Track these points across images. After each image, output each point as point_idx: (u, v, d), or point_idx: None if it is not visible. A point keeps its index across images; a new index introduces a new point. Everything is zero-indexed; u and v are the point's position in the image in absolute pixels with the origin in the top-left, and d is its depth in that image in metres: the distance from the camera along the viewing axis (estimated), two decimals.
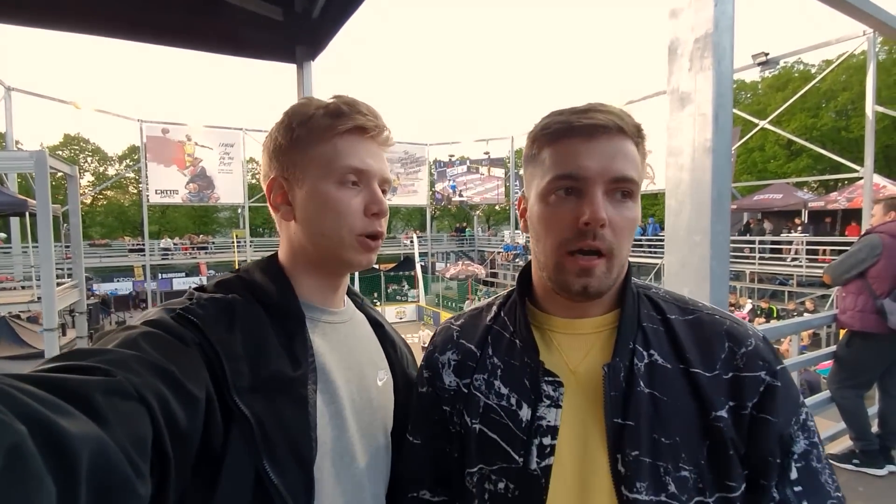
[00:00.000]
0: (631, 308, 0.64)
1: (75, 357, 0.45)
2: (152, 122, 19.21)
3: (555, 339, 0.67)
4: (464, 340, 0.74)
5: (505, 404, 0.66)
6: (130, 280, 23.10)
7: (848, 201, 12.68)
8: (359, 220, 0.69)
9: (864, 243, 2.72)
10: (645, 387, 0.59)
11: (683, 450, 0.57)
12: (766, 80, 25.05)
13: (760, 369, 0.59)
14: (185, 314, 0.58)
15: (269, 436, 0.56)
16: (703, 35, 1.40)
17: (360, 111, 0.69)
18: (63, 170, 7.83)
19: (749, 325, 0.64)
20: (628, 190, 0.60)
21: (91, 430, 0.36)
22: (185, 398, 0.49)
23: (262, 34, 1.90)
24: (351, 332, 0.78)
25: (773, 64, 13.66)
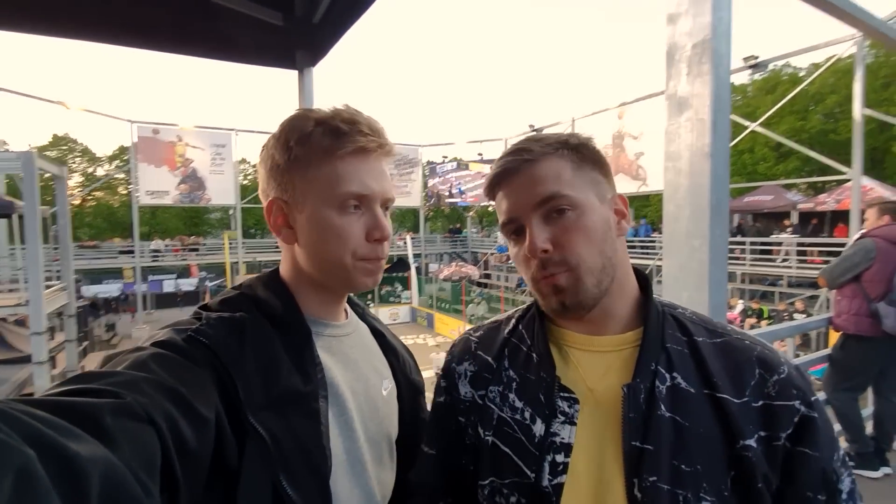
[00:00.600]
0: (654, 327, 0.63)
1: (84, 380, 0.45)
2: (143, 123, 19.02)
3: (573, 356, 0.66)
4: (481, 352, 0.75)
5: (519, 418, 0.65)
6: (120, 282, 22.86)
7: (836, 203, 12.86)
8: (361, 246, 0.68)
9: (859, 247, 2.75)
10: (666, 410, 0.57)
11: (705, 479, 0.55)
12: (756, 82, 25.37)
13: (794, 398, 0.57)
14: (196, 336, 0.58)
15: (284, 451, 0.57)
16: (701, 41, 1.40)
17: (362, 130, 0.67)
18: (51, 170, 7.74)
19: (781, 353, 0.63)
20: (560, 206, 0.62)
21: (100, 452, 0.37)
22: (194, 419, 0.49)
23: (260, 39, 1.87)
24: (355, 343, 0.78)
25: (762, 67, 13.83)
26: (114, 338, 17.91)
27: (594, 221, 0.62)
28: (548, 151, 0.63)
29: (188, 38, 1.81)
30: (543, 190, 0.62)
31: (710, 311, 1.40)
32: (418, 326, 19.80)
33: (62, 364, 9.30)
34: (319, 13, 1.83)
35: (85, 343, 12.85)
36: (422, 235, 26.40)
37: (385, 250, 0.71)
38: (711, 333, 0.63)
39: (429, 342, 16.93)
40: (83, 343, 11.36)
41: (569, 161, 0.64)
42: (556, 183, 0.62)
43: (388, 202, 0.72)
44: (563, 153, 0.64)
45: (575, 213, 0.62)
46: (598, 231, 0.62)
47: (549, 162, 0.63)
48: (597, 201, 0.64)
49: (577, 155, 0.64)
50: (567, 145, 0.64)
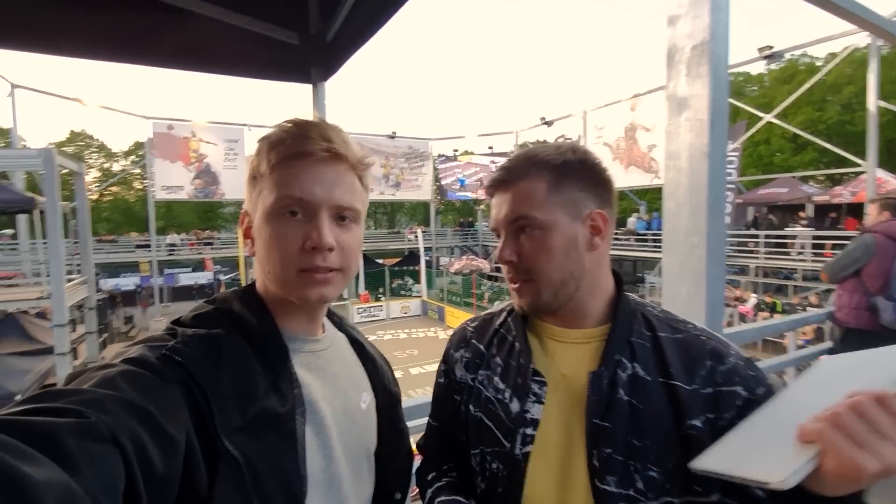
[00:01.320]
0: (622, 324, 0.72)
1: (47, 399, 0.43)
2: (158, 119, 19.30)
3: (550, 346, 0.77)
4: (475, 341, 0.86)
5: (500, 397, 0.76)
6: (137, 275, 23.27)
7: (852, 195, 12.61)
8: (296, 256, 0.63)
9: (859, 243, 2.78)
10: (625, 395, 0.67)
11: (653, 453, 0.64)
12: (773, 72, 24.82)
13: (738, 385, 0.64)
14: (171, 354, 0.55)
15: (258, 475, 0.55)
16: (700, 43, 1.42)
17: (307, 135, 0.64)
18: (70, 167, 7.91)
19: (734, 348, 0.70)
20: (525, 225, 0.72)
21: (57, 477, 0.35)
22: (162, 440, 0.47)
23: (277, 57, 1.97)
24: (333, 357, 0.76)
25: (778, 57, 13.58)
26: (132, 329, 18.29)
27: (557, 241, 0.70)
28: (529, 172, 0.72)
29: (211, 58, 1.92)
30: (515, 210, 0.72)
31: (708, 305, 1.44)
32: (429, 320, 19.88)
33: (83, 355, 9.55)
34: (332, 32, 1.93)
35: (105, 335, 13.16)
36: (433, 229, 26.43)
37: (333, 260, 0.65)
38: (674, 330, 0.72)
39: (440, 335, 17.02)
40: (103, 335, 11.63)
41: (545, 182, 0.71)
42: (527, 205, 0.71)
43: (339, 210, 0.66)
44: (541, 175, 0.71)
45: (540, 233, 0.70)
46: (559, 249, 0.70)
47: (525, 182, 0.72)
48: (567, 220, 0.71)
49: (556, 175, 0.71)
50: (548, 166, 0.71)
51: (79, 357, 9.19)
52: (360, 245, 0.72)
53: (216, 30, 1.73)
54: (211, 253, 22.60)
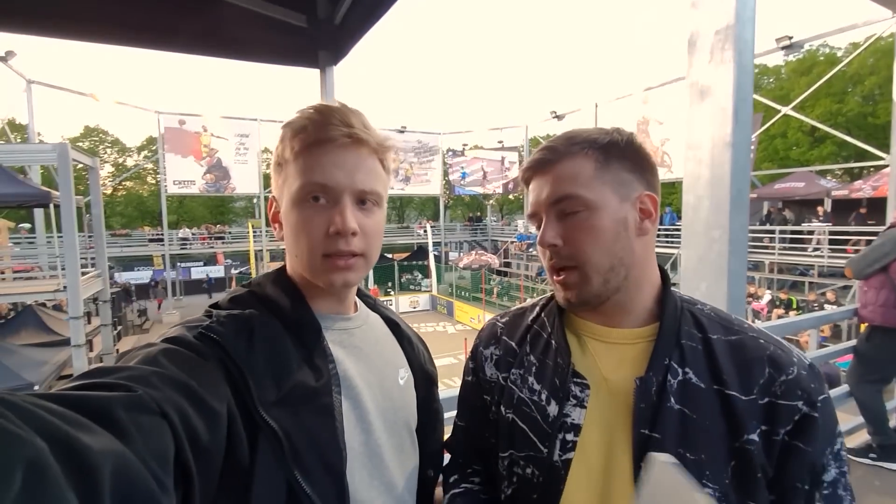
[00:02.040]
0: (670, 324, 0.65)
1: (96, 375, 0.45)
2: (169, 114, 19.48)
3: (590, 345, 0.70)
4: (506, 337, 0.80)
5: (536, 399, 0.71)
6: (150, 269, 23.62)
7: (873, 190, 12.32)
8: (320, 241, 0.65)
9: (888, 237, 2.67)
10: (675, 403, 0.61)
11: (708, 467, 0.59)
12: (790, 64, 24.35)
13: (798, 399, 0.59)
14: (207, 332, 0.58)
15: (297, 447, 0.57)
16: (724, 27, 1.37)
17: (330, 121, 0.65)
18: (85, 161, 8.00)
19: (796, 351, 0.64)
20: (571, 208, 0.66)
21: (113, 445, 0.36)
22: (205, 413, 0.49)
23: (285, 40, 1.94)
24: (367, 335, 0.78)
25: (797, 48, 13.28)
26: (146, 322, 18.60)
27: (605, 222, 0.64)
28: (572, 151, 0.66)
29: (218, 42, 1.90)
30: (559, 189, 0.66)
31: (729, 302, 1.39)
32: (438, 314, 19.94)
33: (98, 347, 9.71)
34: (340, 15, 1.89)
35: (119, 327, 13.39)
36: (442, 224, 26.44)
37: (356, 244, 0.67)
38: (727, 331, 0.65)
39: (448, 330, 17.05)
40: (117, 327, 11.83)
41: (592, 161, 0.65)
42: (572, 184, 0.65)
43: (362, 194, 0.67)
44: (588, 152, 0.65)
45: (586, 214, 0.64)
46: (609, 231, 0.64)
47: (570, 161, 0.66)
48: (615, 201, 0.65)
49: (603, 154, 0.66)
50: (595, 144, 0.66)
51: (94, 349, 9.35)
52: (383, 228, 0.73)
53: (225, 13, 1.71)
54: (222, 247, 22.85)
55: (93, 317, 11.09)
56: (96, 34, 1.66)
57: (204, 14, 1.67)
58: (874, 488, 2.57)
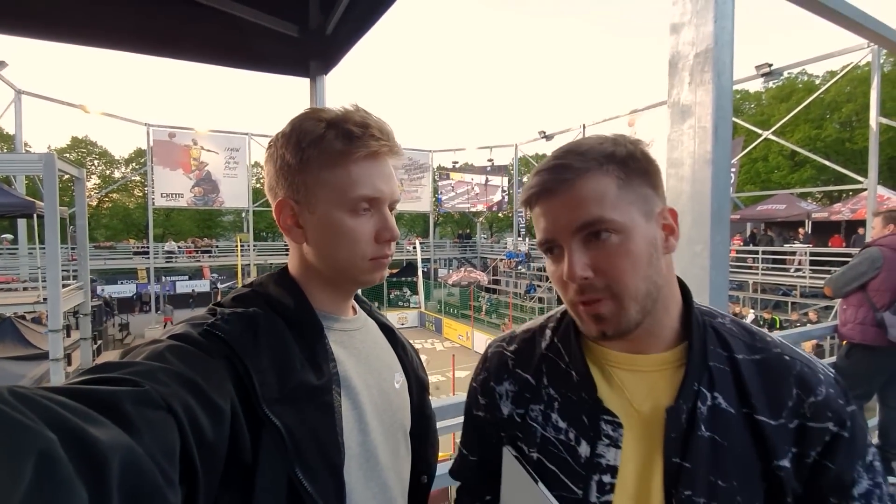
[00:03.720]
0: (699, 347, 0.62)
1: (104, 370, 0.46)
2: (159, 127, 19.41)
3: (615, 375, 0.65)
4: (519, 370, 0.74)
5: (563, 438, 0.65)
6: (134, 282, 23.20)
7: (852, 212, 12.65)
8: (370, 247, 0.71)
9: (865, 256, 2.73)
10: (706, 430, 0.59)
11: (740, 494, 0.57)
12: (770, 90, 25.12)
13: (828, 420, 0.57)
14: (212, 330, 0.58)
15: (299, 444, 0.58)
16: (704, 50, 1.42)
17: (374, 134, 0.68)
18: (71, 172, 7.91)
19: (821, 366, 0.62)
20: (602, 230, 0.58)
21: (121, 438, 0.37)
22: (211, 409, 0.50)
23: (276, 49, 1.96)
24: (366, 338, 0.79)
25: (776, 75, 13.72)
26: (127, 337, 18.17)
27: (639, 245, 0.59)
28: (591, 167, 0.59)
29: (210, 48, 1.91)
30: (585, 214, 0.58)
31: None
32: (426, 331, 19.82)
33: (77, 361, 9.46)
34: (332, 25, 1.91)
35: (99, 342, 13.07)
36: (431, 240, 26.47)
37: (392, 248, 0.74)
38: (751, 349, 0.62)
39: (437, 347, 16.93)
40: (97, 341, 11.55)
41: (614, 178, 0.59)
42: (599, 206, 0.57)
43: (394, 203, 0.74)
44: (607, 169, 0.59)
45: (618, 238, 0.58)
46: (644, 255, 0.59)
47: (591, 180, 0.58)
48: (643, 220, 0.60)
49: (623, 169, 0.59)
50: (613, 158, 0.59)
51: (73, 363, 9.11)
52: None
53: (218, 20, 1.72)
54: (208, 261, 22.56)
55: (73, 330, 10.83)
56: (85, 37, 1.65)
57: (196, 21, 1.67)
58: None
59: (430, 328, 19.90)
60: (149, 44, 1.77)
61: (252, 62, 2.03)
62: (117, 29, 1.69)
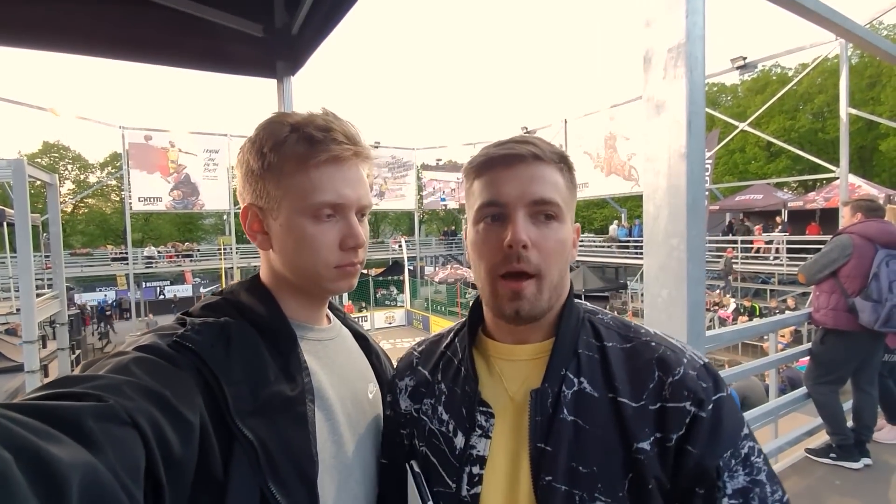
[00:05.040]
0: (567, 334, 0.64)
1: (66, 384, 0.44)
2: (134, 129, 18.96)
3: (497, 366, 0.68)
4: (420, 367, 0.77)
5: (444, 430, 0.68)
6: (113, 289, 22.71)
7: (825, 201, 13.00)
8: (334, 254, 0.68)
9: (836, 244, 2.80)
10: (569, 414, 0.59)
11: (601, 480, 0.56)
12: (746, 83, 25.62)
13: (685, 400, 0.56)
14: (182, 341, 0.57)
15: (272, 457, 0.56)
16: (676, 45, 1.43)
17: (336, 138, 0.66)
18: (42, 178, 7.69)
19: (689, 352, 0.62)
20: (550, 213, 0.62)
21: (82, 457, 0.36)
22: (178, 423, 0.48)
23: (242, 50, 1.92)
24: (339, 347, 0.78)
25: (751, 67, 13.98)
26: (107, 345, 17.79)
27: (566, 239, 0.64)
28: (553, 159, 0.64)
29: (172, 50, 1.86)
30: (544, 190, 0.61)
31: (689, 307, 1.43)
32: (414, 329, 19.77)
33: (55, 373, 9.22)
34: (297, 24, 1.87)
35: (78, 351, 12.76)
36: (417, 238, 26.41)
37: (360, 255, 0.71)
38: (623, 339, 0.64)
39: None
40: (76, 351, 11.28)
41: (564, 177, 0.65)
42: (555, 191, 0.62)
43: (364, 209, 0.71)
44: (561, 167, 0.64)
45: (559, 226, 0.63)
46: (566, 249, 0.64)
47: (551, 168, 0.63)
48: (569, 222, 0.66)
49: (570, 174, 0.66)
50: (566, 161, 0.65)
51: (50, 375, 8.88)
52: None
53: (180, 22, 1.68)
54: (191, 265, 22.17)
55: (49, 340, 10.55)
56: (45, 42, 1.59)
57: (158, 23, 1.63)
58: (835, 488, 2.65)
59: (418, 326, 19.86)
60: (111, 48, 1.72)
61: (217, 64, 1.98)
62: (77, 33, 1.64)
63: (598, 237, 20.28)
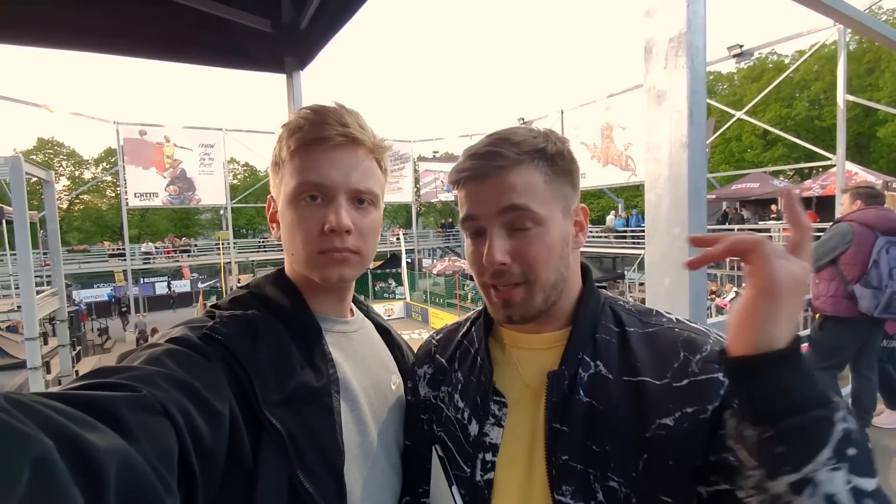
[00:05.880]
0: (585, 321, 0.65)
1: (101, 375, 0.46)
2: (129, 125, 18.81)
3: (513, 354, 0.70)
4: (438, 355, 0.80)
5: (460, 417, 0.70)
6: (111, 286, 22.68)
7: (822, 188, 13.03)
8: (314, 238, 0.66)
9: (835, 232, 2.82)
10: (584, 395, 0.61)
11: (613, 460, 0.57)
12: (742, 71, 25.52)
13: (718, 371, 0.56)
14: (211, 333, 0.58)
15: (300, 446, 0.58)
16: (677, 35, 1.43)
17: (325, 121, 0.66)
18: (39, 175, 7.65)
19: (713, 333, 0.62)
20: (527, 219, 0.61)
21: (118, 444, 0.37)
22: (209, 413, 0.49)
23: (251, 45, 1.93)
24: (363, 340, 0.80)
25: (747, 55, 13.89)
26: (107, 341, 17.80)
27: (555, 239, 0.62)
28: (523, 159, 0.61)
29: (183, 47, 1.87)
30: (513, 198, 0.60)
31: (691, 295, 1.45)
32: (413, 321, 19.83)
33: (56, 369, 9.24)
34: (306, 20, 1.89)
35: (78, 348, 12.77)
36: (414, 231, 26.39)
37: (350, 242, 0.68)
38: (644, 324, 0.65)
39: (424, 336, 16.97)
40: (76, 348, 11.30)
41: (542, 173, 0.62)
42: (527, 195, 0.61)
43: (357, 193, 0.69)
44: (538, 164, 0.62)
45: (538, 230, 0.61)
46: (557, 249, 0.63)
47: (522, 171, 0.61)
48: (560, 216, 0.64)
49: (552, 166, 0.63)
50: (544, 155, 0.62)
51: (52, 371, 8.90)
52: (379, 228, 0.75)
53: (189, 18, 1.68)
54: (188, 261, 22.12)
55: (50, 337, 10.55)
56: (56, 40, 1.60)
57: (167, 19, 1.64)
58: None
59: (417, 318, 19.92)
60: (121, 45, 1.73)
61: (228, 60, 2.00)
62: (89, 31, 1.64)
63: (595, 227, 20.33)
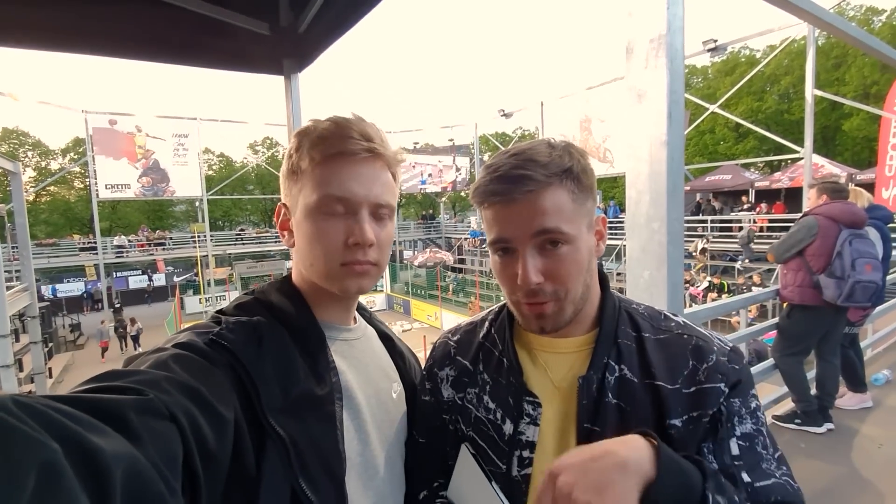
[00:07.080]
0: (609, 327, 0.70)
1: (108, 378, 0.46)
2: (98, 113, 18.16)
3: (541, 357, 0.74)
4: (460, 357, 0.81)
5: (492, 418, 0.73)
6: (82, 280, 22.01)
7: (790, 180, 13.48)
8: (338, 251, 0.67)
9: (802, 225, 2.95)
10: (613, 398, 0.66)
11: None
12: (716, 65, 26.02)
13: (720, 381, 0.63)
14: (217, 339, 0.59)
15: (302, 454, 0.58)
16: (657, 36, 1.47)
17: (349, 135, 0.67)
18: (6, 167, 7.35)
19: (717, 339, 0.69)
20: (557, 240, 0.64)
21: (124, 448, 0.37)
22: (214, 418, 0.50)
23: (250, 48, 1.93)
24: (365, 347, 0.80)
25: (721, 50, 14.20)
26: (79, 338, 17.33)
27: (583, 255, 0.66)
28: (552, 181, 0.63)
29: (182, 50, 1.85)
30: (544, 222, 0.63)
31: (669, 287, 1.52)
32: (395, 313, 19.84)
33: (29, 366, 8.98)
34: (304, 24, 1.89)
35: (50, 344, 12.41)
36: (395, 222, 26.21)
37: (372, 255, 0.69)
38: (656, 330, 0.71)
39: (405, 327, 17.03)
40: (48, 344, 10.97)
41: (569, 192, 0.64)
42: (557, 217, 0.63)
43: (378, 208, 0.70)
44: (565, 183, 0.64)
45: (568, 248, 0.64)
46: (585, 263, 0.66)
47: (552, 193, 0.63)
48: (586, 231, 0.67)
49: (578, 185, 0.65)
50: (570, 174, 0.64)
51: (24, 369, 8.65)
52: (392, 239, 0.75)
53: (186, 20, 1.67)
54: (163, 254, 21.59)
55: (21, 334, 10.23)
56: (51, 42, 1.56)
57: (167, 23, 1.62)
58: (800, 450, 2.84)
59: (399, 310, 19.94)
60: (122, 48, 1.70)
61: (226, 62, 1.99)
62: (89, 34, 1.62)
63: None
